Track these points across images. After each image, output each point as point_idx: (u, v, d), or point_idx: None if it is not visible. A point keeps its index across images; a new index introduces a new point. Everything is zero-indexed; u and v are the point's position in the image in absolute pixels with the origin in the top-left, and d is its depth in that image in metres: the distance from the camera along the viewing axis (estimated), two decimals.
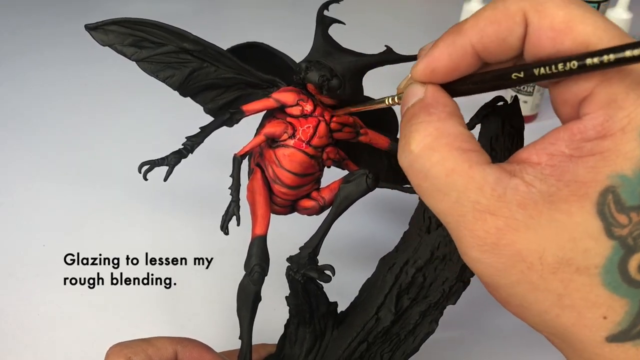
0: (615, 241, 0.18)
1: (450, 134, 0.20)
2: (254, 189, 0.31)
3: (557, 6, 0.18)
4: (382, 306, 0.31)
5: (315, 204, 0.32)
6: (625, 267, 0.18)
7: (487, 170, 0.19)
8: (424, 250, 0.31)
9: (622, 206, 0.18)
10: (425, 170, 0.20)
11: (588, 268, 0.18)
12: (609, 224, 0.18)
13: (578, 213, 0.18)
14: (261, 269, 0.29)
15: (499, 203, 0.19)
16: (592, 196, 0.18)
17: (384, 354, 0.32)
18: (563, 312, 0.19)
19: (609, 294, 0.18)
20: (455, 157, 0.20)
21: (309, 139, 0.30)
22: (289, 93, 0.30)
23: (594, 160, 0.18)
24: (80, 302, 0.43)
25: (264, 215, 0.30)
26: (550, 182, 0.18)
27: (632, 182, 0.18)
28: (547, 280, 0.19)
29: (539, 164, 0.19)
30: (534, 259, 0.18)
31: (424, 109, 0.21)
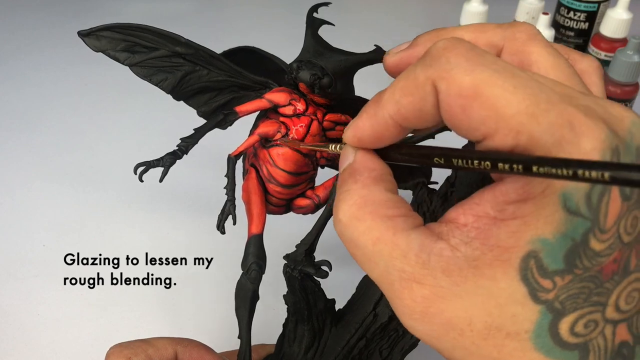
0: (542, 305, 0.18)
1: (374, 202, 0.20)
2: (249, 188, 0.31)
3: (464, 71, 0.18)
4: (380, 302, 0.32)
5: (311, 202, 0.32)
6: (556, 330, 0.18)
7: (412, 236, 0.19)
8: None
9: (544, 271, 0.18)
10: (354, 239, 0.20)
11: (518, 333, 0.18)
12: (534, 289, 0.18)
13: (502, 279, 0.18)
14: (258, 267, 0.29)
15: (423, 270, 0.19)
16: (515, 262, 0.18)
17: (383, 350, 0.32)
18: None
19: (542, 357, 0.18)
20: (379, 226, 0.20)
21: (302, 137, 0.30)
22: (281, 93, 0.31)
23: (516, 225, 0.17)
24: (80, 302, 0.43)
25: (260, 214, 0.30)
26: (474, 245, 0.18)
27: (553, 246, 0.17)
28: (480, 346, 0.18)
29: (465, 225, 0.18)
30: (464, 326, 0.18)
31: (351, 175, 0.21)
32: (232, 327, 0.30)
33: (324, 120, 0.31)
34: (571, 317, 0.18)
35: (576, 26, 0.63)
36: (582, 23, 0.63)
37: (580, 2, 0.62)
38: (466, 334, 0.18)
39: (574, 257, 0.18)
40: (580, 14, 0.62)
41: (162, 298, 0.43)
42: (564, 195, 0.17)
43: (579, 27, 0.63)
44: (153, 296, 0.43)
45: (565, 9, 0.63)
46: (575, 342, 0.18)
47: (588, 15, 0.62)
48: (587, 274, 0.18)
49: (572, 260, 0.18)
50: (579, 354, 0.18)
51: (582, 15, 0.62)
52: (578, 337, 0.18)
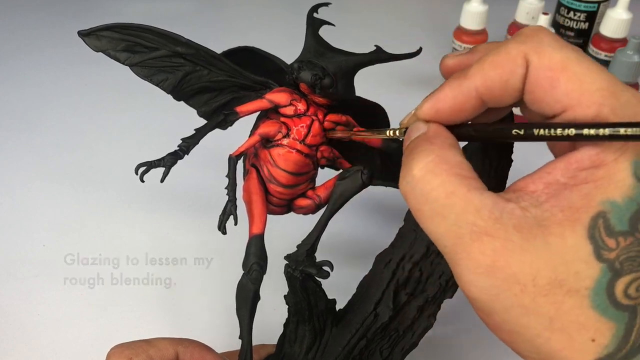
0: (603, 264, 0.19)
1: (449, 162, 0.21)
2: (250, 188, 0.31)
3: (554, 49, 0.20)
4: (380, 302, 0.32)
5: (311, 202, 0.32)
6: (612, 290, 0.19)
7: (485, 194, 0.20)
8: (419, 245, 0.32)
9: (611, 231, 0.19)
10: (426, 193, 0.21)
11: (578, 290, 0.19)
12: (599, 247, 0.19)
13: (570, 236, 0.19)
14: (259, 268, 0.29)
15: (496, 225, 0.19)
16: (584, 220, 0.19)
17: (383, 350, 0.32)
18: (553, 335, 0.19)
19: (597, 316, 0.19)
20: (454, 182, 0.21)
21: (303, 137, 0.30)
22: (282, 93, 0.31)
23: (588, 188, 0.19)
24: (80, 302, 0.43)
25: (261, 214, 0.30)
26: (544, 207, 0.19)
27: (621, 209, 0.19)
28: (539, 303, 0.19)
29: (535, 191, 0.20)
30: (527, 281, 0.19)
31: (426, 140, 0.22)
32: (233, 328, 0.30)
33: (324, 121, 0.31)
34: (627, 279, 0.19)
35: (576, 26, 0.63)
36: (582, 23, 0.63)
37: (580, 2, 0.62)
38: (528, 290, 0.19)
39: (637, 220, 0.19)
40: (580, 14, 0.62)
41: (162, 298, 0.43)
42: (636, 163, 0.19)
43: (579, 27, 0.63)
44: (153, 296, 0.43)
45: (565, 9, 0.63)
46: (626, 303, 0.19)
47: (588, 15, 0.62)
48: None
49: (635, 223, 0.19)
50: (628, 316, 0.19)
51: (582, 15, 0.62)
52: (630, 299, 0.19)
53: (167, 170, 0.29)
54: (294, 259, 0.30)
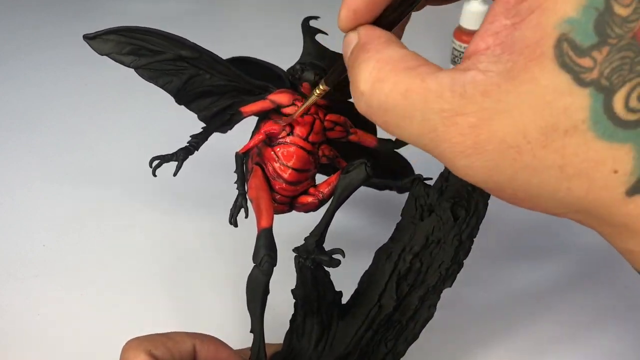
0: (589, 87, 0.17)
1: (392, 59, 0.20)
2: (257, 185, 0.32)
3: None
4: (384, 293, 0.32)
5: (314, 199, 0.33)
6: (611, 110, 0.17)
7: (440, 75, 0.19)
8: (419, 236, 0.32)
9: (580, 49, 0.17)
10: (382, 102, 0.20)
11: (575, 126, 0.17)
12: (575, 72, 0.17)
13: (542, 75, 0.17)
14: (270, 259, 0.29)
15: (462, 101, 0.18)
16: (548, 52, 0.17)
17: (388, 341, 0.33)
18: (572, 183, 0.18)
19: (607, 144, 0.17)
20: (404, 78, 0.19)
21: (306, 135, 0.31)
22: (284, 94, 0.32)
23: (536, 17, 0.17)
24: (81, 302, 0.43)
25: (268, 209, 0.31)
26: (504, 59, 0.18)
27: (580, 22, 0.17)
28: (541, 157, 0.18)
29: (488, 47, 0.18)
30: (519, 140, 0.18)
31: (360, 49, 0.21)
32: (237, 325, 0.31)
33: (325, 120, 0.32)
34: (622, 92, 0.17)
35: None
36: None
37: None
38: (524, 149, 0.18)
39: (603, 26, 0.17)
40: None
41: (163, 298, 0.43)
42: None
43: None
44: (154, 296, 0.43)
45: None
46: (634, 118, 0.17)
47: None
48: (622, 42, 0.17)
49: (602, 30, 0.17)
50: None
51: None
52: (635, 112, 0.17)
53: (179, 163, 0.30)
54: (304, 249, 0.30)
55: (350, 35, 0.22)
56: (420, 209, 0.33)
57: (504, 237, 0.48)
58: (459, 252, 0.32)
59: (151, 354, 0.27)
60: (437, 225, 0.32)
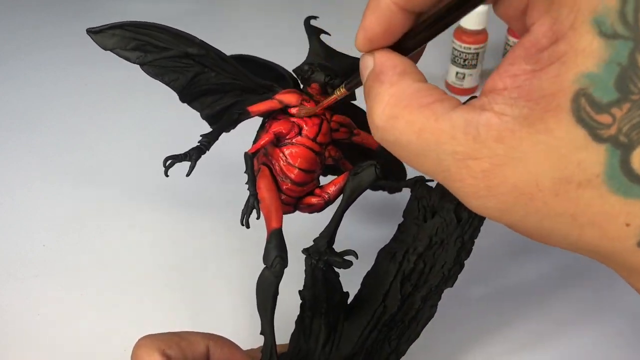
0: (606, 144, 0.17)
1: (407, 96, 0.20)
2: (266, 185, 0.31)
3: None
4: (389, 294, 0.32)
5: (320, 199, 0.32)
6: (628, 166, 0.17)
7: (454, 116, 0.19)
8: (422, 237, 0.32)
9: (598, 106, 0.16)
10: (397, 139, 0.20)
11: (589, 180, 0.17)
12: (592, 127, 0.17)
13: (557, 127, 0.17)
14: (282, 260, 0.29)
15: (475, 145, 0.18)
16: (565, 105, 0.17)
17: (392, 341, 0.33)
18: (583, 231, 0.18)
19: (621, 199, 0.17)
20: (418, 117, 0.19)
21: (314, 135, 0.31)
22: (291, 94, 0.32)
23: (556, 68, 0.17)
24: (80, 302, 0.43)
25: (278, 209, 0.31)
26: (520, 104, 0.17)
27: (601, 78, 0.16)
28: (553, 205, 0.18)
29: (505, 88, 0.18)
30: (531, 188, 0.18)
31: (375, 79, 0.21)
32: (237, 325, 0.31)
33: (331, 121, 0.32)
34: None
35: None
36: None
37: None
38: (536, 196, 0.18)
39: (625, 82, 0.16)
40: None
41: (162, 298, 0.43)
42: (596, 21, 0.16)
43: None
44: (154, 296, 0.43)
45: None
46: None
47: None
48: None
49: (624, 86, 0.16)
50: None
51: None
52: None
53: (193, 163, 0.30)
54: (315, 250, 0.30)
55: (367, 59, 0.22)
56: (423, 210, 0.33)
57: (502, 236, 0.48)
58: (461, 253, 0.32)
59: (165, 353, 0.26)
60: (440, 226, 0.32)
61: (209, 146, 0.31)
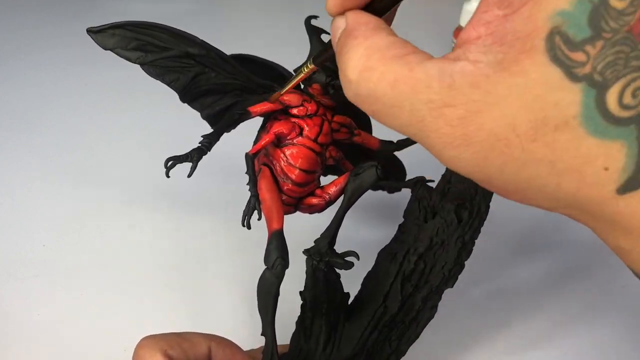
0: (581, 82, 0.17)
1: (380, 47, 0.19)
2: (267, 186, 0.31)
3: None
4: (389, 294, 0.32)
5: (321, 200, 0.32)
6: (604, 106, 0.17)
7: (429, 65, 0.18)
8: (423, 238, 0.32)
9: (572, 43, 0.16)
10: (371, 91, 0.19)
11: (566, 121, 0.17)
12: (567, 66, 0.17)
13: (532, 68, 0.17)
14: (283, 261, 0.29)
15: (451, 92, 0.18)
16: (539, 45, 0.17)
17: (392, 341, 0.33)
18: (562, 178, 0.18)
19: (599, 141, 0.17)
20: (392, 67, 0.19)
21: (315, 136, 0.31)
22: (293, 95, 0.32)
23: (528, 9, 0.17)
24: (80, 302, 0.43)
25: (279, 210, 0.31)
26: (494, 50, 0.17)
27: (573, 15, 0.16)
28: (530, 150, 0.17)
29: (479, 37, 0.18)
30: (508, 133, 0.17)
31: (348, 35, 0.21)
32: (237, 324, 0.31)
33: (332, 122, 0.32)
34: (616, 88, 0.17)
35: None
36: None
37: None
38: (513, 142, 0.17)
39: (597, 19, 0.16)
40: None
41: (162, 298, 0.43)
42: None
43: None
44: (154, 296, 0.43)
45: None
46: (627, 115, 0.17)
47: None
48: (617, 37, 0.17)
49: (597, 23, 0.16)
50: (636, 127, 0.17)
51: None
52: (629, 109, 0.17)
53: (194, 164, 0.30)
54: (316, 251, 0.30)
55: (338, 20, 0.22)
56: (424, 210, 0.33)
57: (502, 236, 0.48)
58: (461, 253, 0.32)
59: (167, 354, 0.26)
60: (441, 227, 0.32)
61: (210, 147, 0.30)
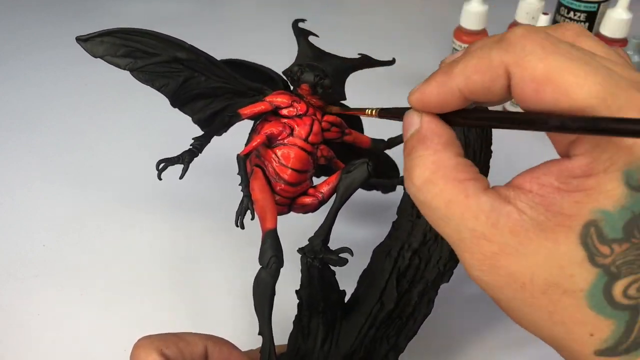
0: (599, 269, 0.20)
1: (446, 166, 0.22)
2: (259, 186, 0.32)
3: (538, 59, 0.19)
4: (385, 291, 0.33)
5: (314, 199, 0.33)
6: (609, 292, 0.20)
7: (483, 199, 0.21)
8: (416, 233, 0.33)
9: (604, 238, 0.19)
10: (427, 202, 0.22)
11: (574, 291, 0.20)
12: (592, 253, 0.20)
13: (564, 242, 0.20)
14: (278, 260, 0.29)
15: (493, 230, 0.21)
16: (576, 228, 0.19)
17: (390, 337, 0.33)
18: (554, 326, 0.21)
19: (594, 314, 0.20)
20: (451, 189, 0.21)
21: (306, 136, 0.31)
22: (282, 95, 0.32)
23: (579, 196, 0.19)
24: (80, 302, 0.43)
25: (272, 209, 0.31)
26: (539, 210, 0.20)
27: (613, 217, 0.19)
28: (538, 299, 0.20)
29: (531, 191, 0.20)
30: (525, 280, 0.20)
31: (421, 141, 0.23)
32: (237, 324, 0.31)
33: (322, 121, 0.32)
34: (625, 281, 0.20)
35: None
36: (582, 23, 0.63)
37: (580, 2, 0.62)
38: (527, 288, 0.20)
39: (632, 228, 0.19)
40: (580, 14, 0.62)
41: (162, 298, 0.43)
42: (627, 173, 0.19)
43: None
44: (154, 296, 0.43)
45: (565, 9, 0.63)
46: (626, 303, 0.20)
47: (588, 15, 0.62)
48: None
49: (630, 230, 0.19)
50: (629, 314, 0.20)
51: (582, 15, 0.62)
52: (630, 299, 0.20)
53: (186, 166, 0.30)
54: (310, 249, 0.31)
55: (414, 117, 0.24)
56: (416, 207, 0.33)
57: None
58: None
59: (163, 353, 0.27)
60: None
61: (201, 149, 0.31)
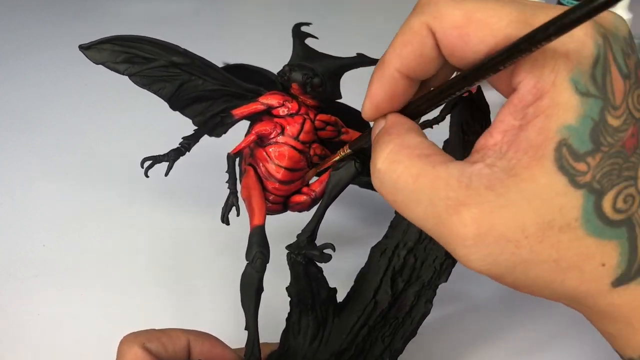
0: (583, 189, 0.19)
1: (409, 145, 0.22)
2: (249, 185, 0.32)
3: (454, 7, 0.20)
4: (379, 289, 0.33)
5: (307, 198, 0.33)
6: (600, 210, 0.19)
7: (451, 166, 0.20)
8: (412, 231, 0.33)
9: (577, 154, 0.19)
10: (394, 183, 0.21)
11: (569, 224, 0.19)
12: (572, 174, 0.19)
13: (541, 175, 0.19)
14: (263, 256, 0.30)
15: (468, 192, 0.19)
16: (549, 154, 0.19)
17: (385, 337, 0.33)
18: (565, 275, 0.20)
19: (596, 241, 0.19)
20: (417, 164, 0.21)
21: (297, 134, 0.32)
22: (274, 95, 0.33)
23: (540, 121, 0.19)
24: (80, 302, 0.43)
25: (261, 207, 0.31)
26: (509, 156, 0.19)
27: (578, 129, 0.19)
28: (538, 251, 0.19)
29: (496, 144, 0.20)
30: (518, 234, 0.19)
31: (385, 132, 0.23)
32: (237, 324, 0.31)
33: (315, 120, 0.33)
34: (610, 195, 0.19)
35: None
36: None
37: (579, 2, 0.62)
38: (522, 244, 0.19)
39: (597, 135, 0.19)
40: None
41: (162, 297, 0.43)
42: (573, 80, 0.19)
43: None
44: (154, 296, 0.43)
45: None
46: (619, 218, 0.19)
47: None
48: (613, 150, 0.19)
49: (597, 138, 0.19)
50: (626, 229, 0.19)
51: None
52: (621, 212, 0.19)
53: (170, 164, 0.31)
54: (295, 245, 0.31)
55: (380, 121, 0.24)
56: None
57: None
58: None
59: (145, 347, 0.28)
60: None
61: (189, 148, 0.32)
